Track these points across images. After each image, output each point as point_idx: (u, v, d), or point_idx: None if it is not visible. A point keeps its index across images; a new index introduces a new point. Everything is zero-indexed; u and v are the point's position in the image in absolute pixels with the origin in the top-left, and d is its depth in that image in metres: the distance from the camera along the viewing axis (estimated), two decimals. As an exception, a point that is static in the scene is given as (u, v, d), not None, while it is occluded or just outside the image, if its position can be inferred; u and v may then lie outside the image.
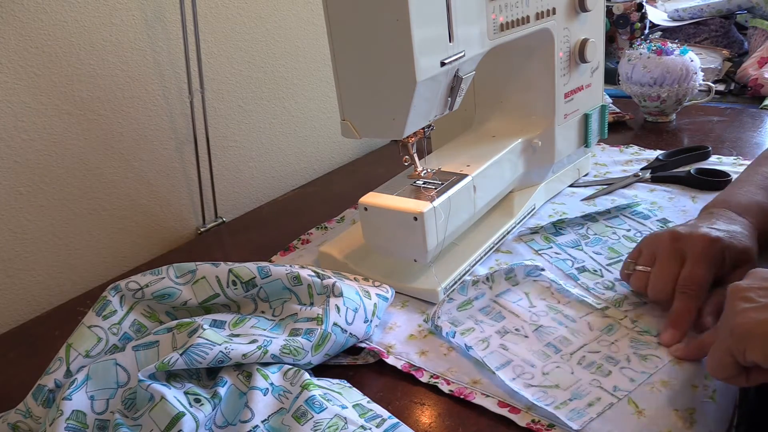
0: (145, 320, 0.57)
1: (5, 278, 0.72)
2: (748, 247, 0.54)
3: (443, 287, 0.64)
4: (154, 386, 0.47)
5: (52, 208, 0.75)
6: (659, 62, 1.01)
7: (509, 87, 0.80)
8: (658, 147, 0.96)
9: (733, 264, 0.54)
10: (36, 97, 0.71)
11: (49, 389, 0.50)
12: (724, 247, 0.53)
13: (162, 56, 0.82)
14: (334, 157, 1.14)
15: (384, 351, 0.57)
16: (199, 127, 0.87)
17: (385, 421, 0.48)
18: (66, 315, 0.71)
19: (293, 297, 0.60)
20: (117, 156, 0.80)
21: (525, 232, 0.75)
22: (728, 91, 1.23)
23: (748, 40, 1.39)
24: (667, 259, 0.55)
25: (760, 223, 0.58)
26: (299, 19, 1.01)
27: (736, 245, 0.54)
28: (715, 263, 0.53)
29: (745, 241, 0.55)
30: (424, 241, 0.61)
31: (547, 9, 0.72)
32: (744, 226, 0.57)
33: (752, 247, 0.55)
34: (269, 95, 0.99)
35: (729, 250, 0.53)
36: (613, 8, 1.36)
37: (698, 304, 0.53)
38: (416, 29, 0.53)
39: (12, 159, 0.70)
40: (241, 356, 0.50)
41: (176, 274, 0.58)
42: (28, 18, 0.68)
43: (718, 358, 0.45)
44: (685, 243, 0.54)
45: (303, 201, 0.97)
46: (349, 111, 0.60)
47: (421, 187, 0.66)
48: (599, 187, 0.85)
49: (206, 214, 0.91)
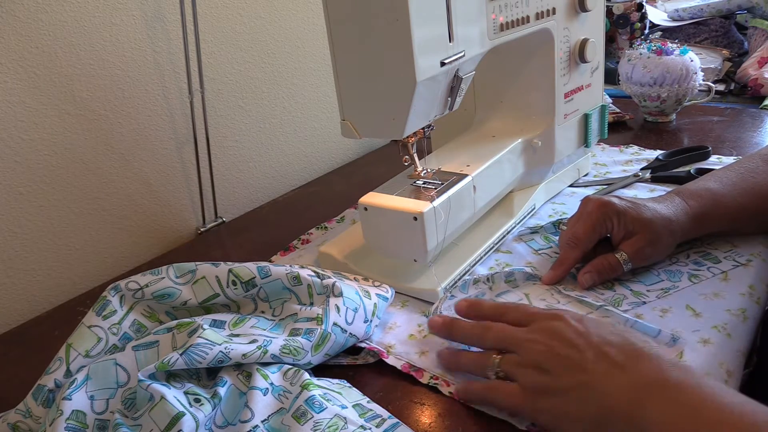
0: (145, 320, 0.57)
1: (5, 278, 0.72)
2: (648, 218, 0.61)
3: (443, 287, 0.64)
4: (154, 386, 0.47)
5: (52, 208, 0.75)
6: (659, 62, 1.01)
7: (509, 87, 0.80)
8: (658, 147, 0.96)
9: (628, 229, 0.61)
10: (36, 97, 0.71)
11: (49, 389, 0.50)
12: (615, 212, 0.61)
13: (162, 56, 0.82)
14: (334, 157, 1.14)
15: (384, 351, 0.57)
16: (199, 127, 0.87)
17: (385, 421, 0.48)
18: (66, 315, 0.71)
19: (293, 297, 0.60)
20: (117, 156, 0.80)
21: (525, 232, 0.75)
22: (728, 91, 1.23)
23: (748, 40, 1.39)
24: (571, 219, 0.66)
25: (703, 206, 0.63)
26: (299, 19, 1.01)
27: (632, 213, 0.61)
28: (600, 224, 0.62)
29: (647, 214, 0.61)
30: (424, 241, 0.61)
31: (547, 9, 0.72)
32: (674, 207, 0.63)
33: (656, 220, 0.61)
34: (269, 95, 0.99)
35: (622, 215, 0.61)
36: (613, 8, 1.36)
37: (577, 255, 0.63)
38: (416, 29, 0.53)
39: (12, 159, 0.70)
40: (241, 356, 0.50)
41: (176, 274, 0.58)
42: (28, 18, 0.68)
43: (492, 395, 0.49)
44: (585, 206, 0.64)
45: (303, 201, 0.97)
46: (349, 111, 0.60)
47: (421, 187, 0.66)
48: (599, 187, 0.85)
49: (206, 214, 0.91)
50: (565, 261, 0.64)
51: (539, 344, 0.47)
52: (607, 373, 0.43)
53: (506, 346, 0.49)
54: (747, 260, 0.64)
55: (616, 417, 0.41)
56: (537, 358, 0.46)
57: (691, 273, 0.63)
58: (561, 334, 0.46)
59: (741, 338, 0.55)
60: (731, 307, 0.57)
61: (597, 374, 0.43)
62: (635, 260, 0.61)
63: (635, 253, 0.61)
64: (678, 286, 0.61)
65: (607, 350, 0.44)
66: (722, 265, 0.64)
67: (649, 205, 0.62)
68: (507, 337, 0.50)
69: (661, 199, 0.64)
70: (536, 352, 0.47)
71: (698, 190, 0.65)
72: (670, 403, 0.39)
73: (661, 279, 0.63)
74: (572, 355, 0.45)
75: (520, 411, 0.47)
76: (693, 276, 0.63)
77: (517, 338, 0.49)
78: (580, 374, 0.44)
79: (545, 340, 0.47)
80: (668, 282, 0.62)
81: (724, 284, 0.61)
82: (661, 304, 0.59)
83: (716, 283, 0.61)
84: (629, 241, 0.61)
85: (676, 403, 0.39)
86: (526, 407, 0.46)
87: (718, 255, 0.65)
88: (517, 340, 0.49)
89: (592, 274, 0.62)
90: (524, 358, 0.47)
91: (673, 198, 0.64)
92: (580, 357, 0.44)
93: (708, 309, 0.57)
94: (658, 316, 0.57)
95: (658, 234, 0.61)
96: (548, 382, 0.45)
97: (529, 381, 0.46)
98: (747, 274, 0.62)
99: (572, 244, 0.64)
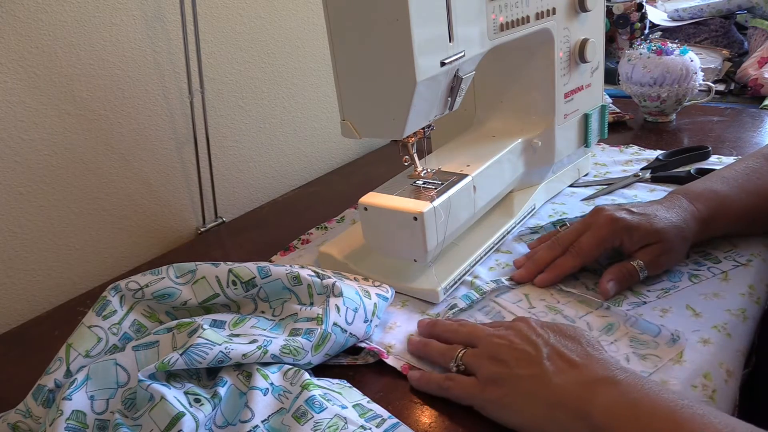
0: (145, 320, 0.57)
1: (5, 278, 0.72)
2: (661, 228, 0.60)
3: (443, 287, 0.64)
4: (154, 386, 0.47)
5: (52, 208, 0.75)
6: (659, 62, 1.01)
7: (509, 87, 0.80)
8: (658, 147, 0.96)
9: (642, 242, 0.61)
10: (36, 97, 0.71)
11: (49, 389, 0.50)
12: (625, 228, 0.61)
13: (162, 56, 0.82)
14: (334, 157, 1.14)
15: (384, 351, 0.57)
16: (199, 127, 0.87)
17: (385, 421, 0.48)
18: (66, 315, 0.71)
19: (293, 297, 0.60)
20: (117, 156, 0.80)
21: (525, 232, 0.75)
22: (728, 91, 1.23)
23: (748, 40, 1.39)
24: (578, 225, 0.65)
25: (710, 209, 0.63)
26: (299, 19, 1.01)
27: (645, 226, 0.60)
28: (608, 239, 0.62)
29: (660, 224, 0.61)
30: (424, 241, 0.61)
31: (547, 9, 0.72)
32: (683, 211, 0.62)
33: (669, 229, 0.61)
34: (269, 95, 0.99)
35: (635, 230, 0.61)
36: (613, 8, 1.36)
37: (576, 264, 0.63)
38: (416, 29, 0.53)
39: (12, 159, 0.70)
40: (241, 356, 0.50)
41: (176, 274, 0.58)
42: (28, 18, 0.68)
43: None
44: (595, 217, 0.63)
45: (303, 201, 0.97)
46: (349, 111, 0.60)
47: (421, 187, 0.66)
48: (599, 187, 0.85)
49: (206, 214, 0.91)
50: (560, 267, 0.64)
51: (501, 339, 0.51)
52: (560, 369, 0.46)
53: (472, 341, 0.53)
54: (747, 260, 0.64)
55: (563, 409, 0.44)
56: (495, 351, 0.50)
57: (691, 273, 0.63)
58: (522, 332, 0.51)
59: (741, 338, 0.55)
60: (731, 307, 0.57)
61: (550, 369, 0.46)
62: (651, 269, 0.61)
63: (651, 262, 0.61)
64: (678, 286, 0.61)
65: (562, 351, 0.48)
66: (722, 265, 0.64)
67: (660, 215, 0.62)
68: (475, 332, 0.54)
69: (669, 204, 0.63)
70: (496, 345, 0.50)
71: (704, 192, 0.65)
72: (615, 396, 0.43)
73: (662, 279, 0.63)
74: (529, 350, 0.48)
75: (472, 401, 0.50)
76: (693, 276, 0.63)
77: (483, 334, 0.53)
78: (534, 367, 0.47)
79: (507, 335, 0.51)
80: (668, 282, 0.62)
81: (724, 284, 0.61)
82: (661, 303, 0.59)
83: (716, 283, 0.61)
84: (645, 250, 0.61)
85: (620, 395, 0.43)
86: (476, 397, 0.49)
87: (718, 255, 0.65)
88: (482, 336, 0.52)
89: (614, 282, 0.61)
90: (484, 351, 0.51)
91: (680, 201, 0.64)
92: (536, 353, 0.48)
93: (708, 309, 0.58)
94: (658, 316, 0.57)
95: (672, 243, 0.61)
96: (502, 372, 0.48)
97: (484, 371, 0.49)
98: (747, 274, 0.62)
99: (574, 253, 0.63)
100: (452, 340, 0.55)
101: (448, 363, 0.53)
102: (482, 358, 0.50)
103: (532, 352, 0.48)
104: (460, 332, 0.55)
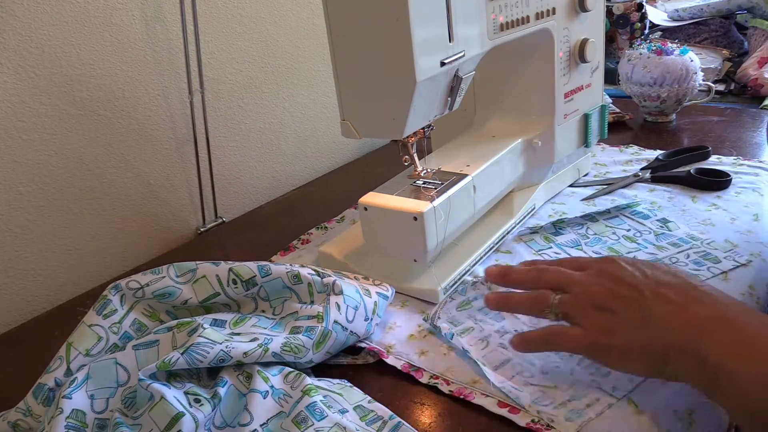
0: (145, 319, 0.57)
1: (5, 278, 0.72)
2: None
3: (443, 287, 0.64)
4: (154, 386, 0.47)
5: (52, 208, 0.75)
6: (659, 62, 1.01)
7: (509, 87, 0.80)
8: (658, 147, 0.96)
9: None
10: (36, 97, 0.71)
11: (50, 388, 0.50)
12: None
13: (162, 56, 0.82)
14: (334, 157, 1.14)
15: (384, 351, 0.58)
16: (199, 127, 0.87)
17: (386, 423, 0.48)
18: (66, 315, 0.71)
19: (293, 295, 0.60)
20: (117, 156, 0.80)
21: (525, 232, 0.75)
22: (728, 91, 1.23)
23: (748, 40, 1.39)
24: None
25: None
26: (299, 19, 1.01)
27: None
28: None
29: None
30: (424, 241, 0.61)
31: (547, 9, 0.72)
32: None
33: None
34: (269, 95, 0.99)
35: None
36: (613, 8, 1.36)
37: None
38: (416, 29, 0.53)
39: (12, 159, 0.70)
40: (242, 354, 0.50)
41: (176, 273, 0.58)
42: (28, 18, 0.68)
43: None
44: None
45: (303, 201, 0.97)
46: (349, 111, 0.60)
47: (421, 187, 0.66)
48: (599, 187, 0.85)
49: (206, 214, 0.91)
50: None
51: (598, 286, 0.48)
52: (668, 311, 0.44)
53: (563, 287, 0.50)
54: (747, 260, 0.64)
55: (677, 351, 0.43)
56: (597, 300, 0.47)
57: (691, 273, 0.63)
58: (618, 275, 0.48)
59: (741, 338, 0.55)
60: (731, 307, 0.57)
61: (658, 313, 0.44)
62: None
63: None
64: (678, 286, 0.61)
65: (663, 291, 0.45)
66: (722, 265, 0.64)
67: None
68: (565, 278, 0.50)
69: None
70: (595, 293, 0.47)
71: None
72: (729, 335, 0.41)
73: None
74: (632, 295, 0.46)
75: (583, 351, 0.48)
76: (693, 276, 0.63)
77: (575, 280, 0.49)
78: (642, 312, 0.45)
79: (604, 282, 0.48)
80: (668, 282, 0.62)
81: (724, 284, 0.61)
82: (661, 303, 0.59)
83: (716, 283, 0.61)
84: None
85: (734, 333, 0.41)
86: (588, 348, 0.47)
87: (718, 255, 0.65)
88: (575, 282, 0.49)
89: None
90: (584, 299, 0.48)
91: None
92: (639, 297, 0.46)
93: (708, 309, 0.57)
94: (658, 316, 0.57)
95: None
96: (611, 321, 0.46)
97: (591, 320, 0.47)
98: (747, 274, 0.62)
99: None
100: (536, 287, 0.52)
101: (543, 311, 0.50)
102: (584, 306, 0.47)
103: (636, 297, 0.46)
104: (542, 279, 0.51)
